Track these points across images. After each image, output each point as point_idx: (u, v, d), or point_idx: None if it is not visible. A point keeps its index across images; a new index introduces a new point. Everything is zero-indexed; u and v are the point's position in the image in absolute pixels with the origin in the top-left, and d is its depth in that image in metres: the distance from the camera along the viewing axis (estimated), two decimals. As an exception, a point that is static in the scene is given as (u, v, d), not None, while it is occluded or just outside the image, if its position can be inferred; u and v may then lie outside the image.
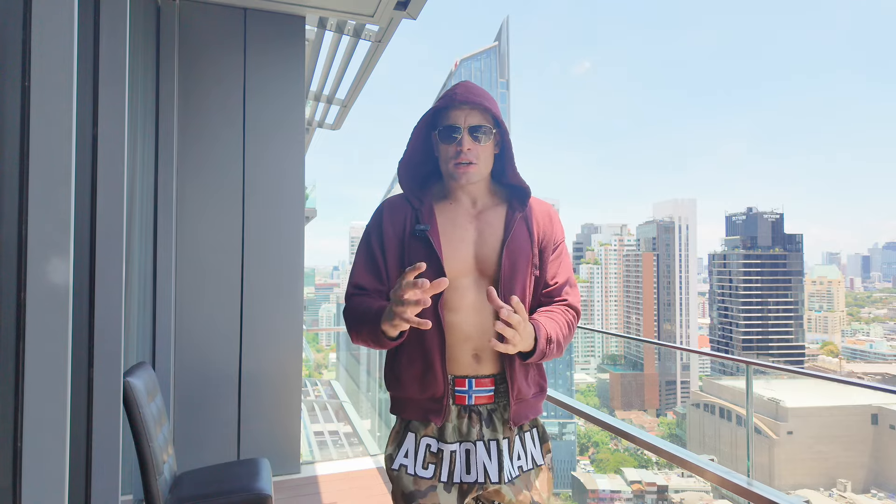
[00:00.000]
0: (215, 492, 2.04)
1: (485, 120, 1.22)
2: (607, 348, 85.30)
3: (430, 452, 1.20)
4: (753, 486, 2.30)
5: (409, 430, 1.23)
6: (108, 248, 1.67)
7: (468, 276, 1.22)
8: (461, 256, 1.22)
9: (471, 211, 1.27)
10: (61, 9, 0.94)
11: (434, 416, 1.19)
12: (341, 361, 7.02)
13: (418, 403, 1.21)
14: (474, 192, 1.28)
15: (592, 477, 47.56)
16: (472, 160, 1.21)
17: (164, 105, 2.83)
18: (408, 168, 1.29)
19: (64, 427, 0.93)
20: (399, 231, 1.25)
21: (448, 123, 1.21)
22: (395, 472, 1.21)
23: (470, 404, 1.20)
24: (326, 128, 5.61)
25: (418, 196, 1.28)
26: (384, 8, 3.01)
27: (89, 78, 1.64)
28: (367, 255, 1.28)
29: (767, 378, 40.15)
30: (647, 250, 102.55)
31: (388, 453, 1.24)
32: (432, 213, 1.25)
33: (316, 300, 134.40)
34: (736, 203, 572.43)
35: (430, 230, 1.22)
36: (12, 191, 0.92)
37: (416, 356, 1.21)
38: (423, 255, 1.19)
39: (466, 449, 1.19)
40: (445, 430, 1.19)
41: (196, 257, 3.01)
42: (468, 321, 1.20)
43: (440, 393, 1.18)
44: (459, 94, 1.21)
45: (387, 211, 1.28)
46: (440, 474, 1.18)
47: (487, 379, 1.21)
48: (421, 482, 1.18)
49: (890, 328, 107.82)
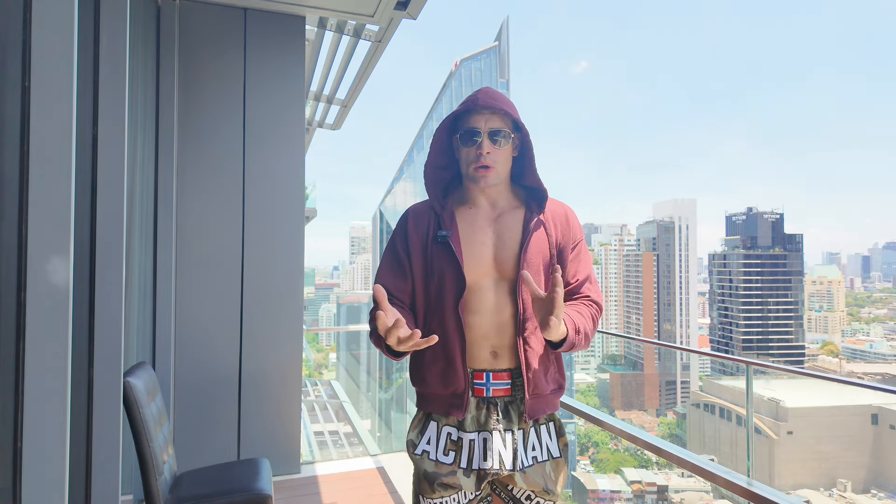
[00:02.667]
0: (215, 492, 2.03)
1: (504, 124, 1.28)
2: (607, 348, 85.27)
3: (451, 441, 1.27)
4: (753, 486, 2.30)
5: (431, 419, 1.31)
6: (108, 248, 1.67)
7: (487, 278, 1.28)
8: (480, 260, 1.28)
9: (490, 214, 1.32)
10: (61, 9, 0.94)
11: (455, 410, 1.26)
12: (341, 361, 7.02)
13: (442, 399, 1.28)
14: (493, 196, 1.33)
15: (592, 477, 47.53)
16: (491, 164, 1.26)
17: (164, 105, 2.83)
18: (431, 173, 1.35)
19: (64, 427, 0.93)
20: (423, 236, 1.31)
21: (469, 127, 1.27)
22: (417, 457, 1.29)
23: (488, 396, 1.26)
24: (326, 128, 5.61)
25: (441, 202, 1.34)
26: (384, 8, 3.01)
27: (89, 78, 1.64)
28: (393, 259, 1.34)
29: (767, 378, 40.13)
30: (647, 250, 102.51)
31: (409, 438, 1.32)
32: (453, 218, 1.31)
33: (316, 300, 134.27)
34: (736, 203, 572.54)
35: (451, 235, 1.28)
36: (12, 191, 0.92)
37: (438, 355, 1.27)
38: (444, 260, 1.26)
39: (484, 438, 1.25)
40: (465, 421, 1.26)
41: (196, 257, 3.00)
42: (487, 321, 1.26)
43: (461, 388, 1.25)
44: (480, 99, 1.26)
45: (411, 218, 1.35)
46: (460, 460, 1.26)
47: (504, 373, 1.27)
48: (442, 467, 1.26)
49: (890, 328, 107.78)
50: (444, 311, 1.26)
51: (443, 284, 1.27)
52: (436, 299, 1.28)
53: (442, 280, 1.26)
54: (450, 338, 1.25)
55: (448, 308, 1.25)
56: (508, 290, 1.28)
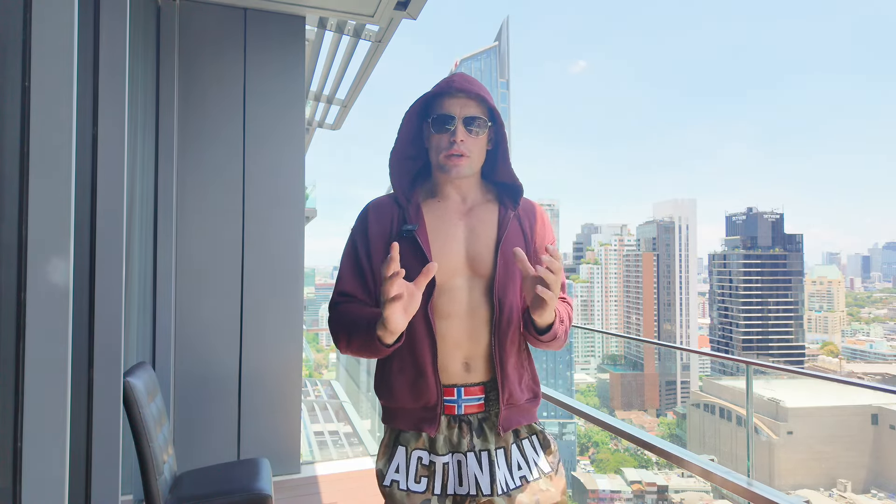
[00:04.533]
0: (215, 492, 2.03)
1: (481, 112, 1.16)
2: (607, 348, 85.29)
3: (422, 465, 1.14)
4: (753, 486, 2.30)
5: (399, 443, 1.17)
6: (108, 248, 1.67)
7: (459, 277, 1.15)
8: (451, 255, 1.15)
9: (461, 208, 1.21)
10: (61, 9, 0.94)
11: (427, 425, 1.13)
12: (341, 361, 7.02)
13: (411, 413, 1.15)
14: (464, 188, 1.22)
15: (592, 477, 47.55)
16: (465, 153, 1.14)
17: (164, 105, 2.83)
18: (398, 163, 1.23)
19: (64, 427, 0.93)
20: (385, 233, 1.18)
21: (442, 112, 1.15)
22: (386, 489, 1.15)
23: (460, 414, 1.14)
24: (326, 128, 5.62)
25: (406, 194, 1.21)
26: (384, 8, 3.01)
27: (89, 78, 1.64)
28: (353, 260, 1.21)
29: (767, 378, 40.14)
30: (647, 250, 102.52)
31: (378, 468, 1.18)
32: (419, 211, 1.19)
33: (316, 300, 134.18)
34: (736, 203, 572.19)
35: (418, 230, 1.15)
36: (12, 191, 0.92)
37: (406, 363, 1.14)
38: (410, 257, 1.12)
39: (458, 460, 1.13)
40: (437, 442, 1.14)
41: (196, 257, 3.00)
42: (460, 327, 1.14)
43: (433, 401, 1.13)
44: (456, 83, 1.15)
45: (372, 212, 1.21)
46: (433, 487, 1.13)
47: (477, 387, 1.15)
48: (414, 497, 1.13)
49: (890, 328, 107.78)
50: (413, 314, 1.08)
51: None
52: None
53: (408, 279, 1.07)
54: (418, 345, 1.12)
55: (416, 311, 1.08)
56: (484, 290, 1.15)
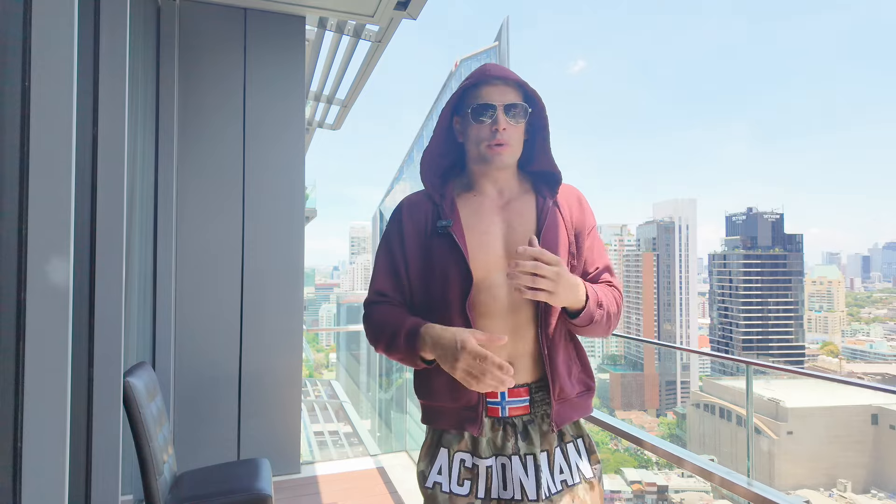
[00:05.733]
0: (215, 492, 2.03)
1: (519, 98, 1.12)
2: (607, 348, 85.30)
3: (465, 468, 1.10)
4: (753, 486, 2.29)
5: (441, 444, 1.13)
6: (108, 248, 1.67)
7: (498, 273, 1.10)
8: (489, 251, 1.11)
9: (497, 201, 1.16)
10: (61, 9, 0.94)
11: (469, 424, 1.09)
12: (341, 361, 7.03)
13: (452, 412, 1.11)
14: (501, 181, 1.17)
15: (592, 477, 47.50)
16: (508, 141, 1.11)
17: (164, 105, 2.83)
18: (429, 160, 1.19)
19: (64, 427, 0.93)
20: (420, 230, 1.15)
21: (482, 102, 1.11)
22: (429, 491, 1.12)
23: (504, 416, 1.10)
24: (326, 128, 5.61)
25: (440, 190, 1.18)
26: (384, 8, 3.01)
27: (89, 78, 1.64)
28: (388, 258, 1.19)
29: (767, 378, 40.14)
30: (647, 250, 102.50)
31: (420, 469, 1.15)
32: (454, 206, 1.15)
33: (316, 300, 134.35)
34: (736, 203, 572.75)
35: (453, 225, 1.11)
36: (12, 191, 0.92)
37: None
38: (446, 253, 1.09)
39: (502, 463, 1.09)
40: (480, 445, 1.10)
41: (196, 257, 3.01)
42: (502, 326, 1.09)
43: (474, 401, 1.09)
44: (492, 70, 1.11)
45: (406, 210, 1.18)
46: (477, 490, 1.08)
47: (522, 388, 1.10)
48: (457, 500, 1.09)
49: (890, 328, 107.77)
50: (450, 314, 1.08)
51: (446, 282, 1.09)
52: (439, 300, 1.11)
53: (445, 277, 1.08)
54: None
55: (454, 309, 1.08)
56: None
